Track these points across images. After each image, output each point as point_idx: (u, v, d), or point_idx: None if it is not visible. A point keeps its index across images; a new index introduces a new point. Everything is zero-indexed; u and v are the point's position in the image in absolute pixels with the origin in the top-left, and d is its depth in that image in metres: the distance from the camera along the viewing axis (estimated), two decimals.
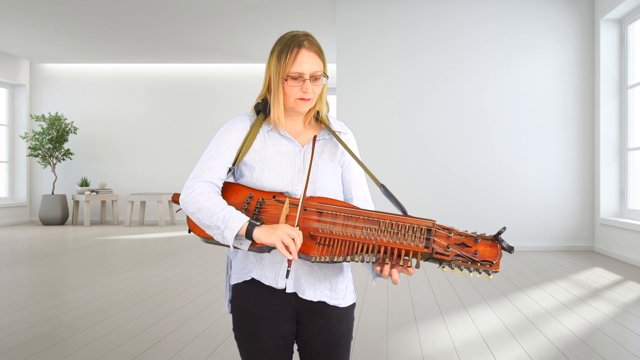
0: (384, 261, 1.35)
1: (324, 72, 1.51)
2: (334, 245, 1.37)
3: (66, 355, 2.81)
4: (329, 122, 1.60)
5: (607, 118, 6.33)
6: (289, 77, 1.47)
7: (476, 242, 1.33)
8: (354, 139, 1.64)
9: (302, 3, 7.01)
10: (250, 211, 1.46)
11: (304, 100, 1.49)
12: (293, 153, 1.53)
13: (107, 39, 8.71)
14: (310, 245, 1.38)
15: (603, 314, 3.59)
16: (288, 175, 1.50)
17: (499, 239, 1.33)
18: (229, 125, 1.55)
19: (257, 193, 1.49)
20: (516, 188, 6.64)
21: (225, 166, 1.51)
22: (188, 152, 10.42)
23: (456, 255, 1.33)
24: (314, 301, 1.51)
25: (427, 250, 1.33)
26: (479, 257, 1.32)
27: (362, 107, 6.78)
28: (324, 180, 1.52)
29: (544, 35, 6.64)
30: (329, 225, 1.40)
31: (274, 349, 1.51)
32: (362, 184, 1.62)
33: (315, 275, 1.51)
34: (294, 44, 1.47)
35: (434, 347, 2.95)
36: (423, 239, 1.35)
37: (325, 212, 1.42)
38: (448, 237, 1.35)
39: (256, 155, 1.52)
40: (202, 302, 3.93)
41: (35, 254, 6.32)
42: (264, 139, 1.54)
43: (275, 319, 1.50)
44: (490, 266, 1.31)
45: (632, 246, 5.59)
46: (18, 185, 10.46)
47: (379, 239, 1.36)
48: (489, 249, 1.33)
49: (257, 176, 1.50)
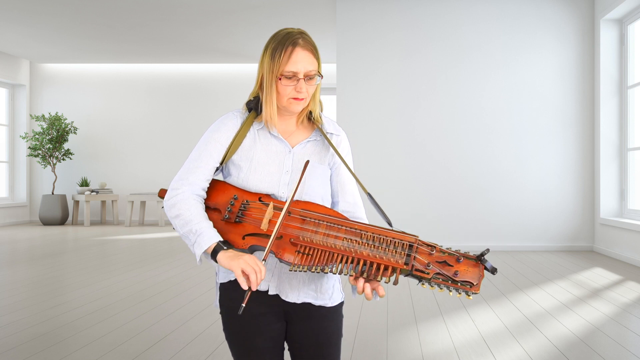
0: (362, 275, 1.32)
1: (319, 71, 1.47)
2: (313, 254, 1.36)
3: (66, 355, 2.81)
4: (322, 122, 1.56)
5: (607, 118, 6.33)
6: (283, 76, 1.43)
7: (458, 262, 1.30)
8: (347, 141, 1.61)
9: (302, 3, 7.01)
10: (234, 212, 1.44)
11: (297, 100, 1.46)
12: (282, 154, 1.50)
13: (107, 39, 8.71)
14: (290, 252, 1.37)
15: (603, 314, 3.59)
16: (275, 176, 1.48)
17: (482, 259, 1.29)
18: (219, 123, 1.53)
19: (243, 194, 1.46)
20: (516, 188, 6.64)
21: (213, 166, 1.49)
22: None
23: (436, 274, 1.29)
24: (298, 303, 1.50)
25: (406, 266, 1.30)
26: (459, 277, 1.28)
27: (362, 107, 6.78)
28: (311, 184, 1.49)
29: (544, 35, 6.64)
30: (310, 233, 1.39)
31: (264, 347, 1.50)
32: (351, 187, 1.58)
33: (299, 278, 1.49)
34: (289, 42, 1.43)
35: (434, 347, 2.95)
36: (404, 254, 1.32)
37: (308, 220, 1.40)
38: (430, 255, 1.32)
39: (244, 154, 1.50)
40: (202, 302, 3.93)
41: (35, 254, 6.32)
42: (254, 138, 1.51)
43: (263, 318, 1.49)
44: (471, 287, 1.27)
45: (632, 246, 5.59)
46: (18, 185, 10.46)
47: (358, 252, 1.34)
48: (471, 269, 1.29)
49: (244, 176, 1.48)
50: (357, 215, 1.57)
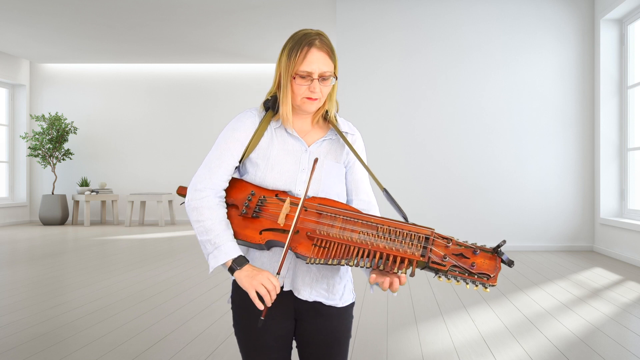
0: (379, 267, 1.33)
1: (334, 73, 1.50)
2: (330, 247, 1.37)
3: (66, 355, 2.81)
4: (337, 122, 1.59)
5: (607, 118, 6.33)
6: (298, 75, 1.46)
7: (475, 254, 1.31)
8: (362, 140, 1.63)
9: (302, 3, 7.01)
10: (251, 208, 1.46)
11: (310, 100, 1.49)
12: (299, 152, 1.53)
13: (107, 39, 8.71)
14: (306, 246, 1.38)
15: (603, 314, 3.59)
16: (292, 174, 1.50)
17: (498, 251, 1.29)
18: (237, 121, 1.55)
19: (260, 190, 1.49)
20: (516, 188, 6.64)
21: (233, 165, 1.52)
22: (188, 152, 10.43)
23: (453, 266, 1.30)
24: (309, 301, 1.51)
25: (423, 258, 1.31)
26: (476, 269, 1.28)
27: (362, 107, 6.78)
28: (327, 182, 1.51)
29: (544, 35, 6.64)
30: (326, 227, 1.40)
31: (273, 345, 1.52)
32: (365, 185, 1.61)
33: (312, 275, 1.51)
34: (305, 42, 1.46)
35: (434, 347, 2.95)
36: (420, 247, 1.33)
37: (324, 214, 1.42)
38: (446, 247, 1.33)
39: (262, 152, 1.52)
40: (202, 302, 3.93)
41: (35, 254, 6.32)
42: (271, 136, 1.54)
43: (273, 315, 1.51)
44: (488, 279, 1.28)
45: (632, 246, 5.59)
46: (18, 185, 10.46)
47: (375, 244, 1.35)
48: (488, 261, 1.29)
49: (261, 174, 1.50)
50: (371, 213, 1.58)
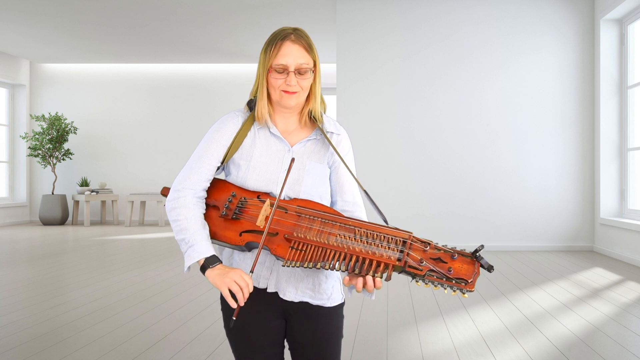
0: (354, 271, 1.32)
1: (313, 67, 1.49)
2: (307, 250, 1.36)
3: (66, 355, 2.81)
4: (323, 121, 1.57)
5: (607, 118, 6.33)
6: (273, 69, 1.46)
7: (453, 259, 1.28)
8: (348, 140, 1.61)
9: (302, 3, 7.01)
10: (231, 209, 1.46)
11: (288, 94, 1.48)
12: (281, 152, 1.52)
13: (107, 39, 8.71)
14: (284, 248, 1.38)
15: (603, 314, 3.59)
16: (273, 175, 1.50)
17: (477, 256, 1.26)
18: (220, 123, 1.55)
19: (241, 192, 1.49)
20: (516, 188, 6.64)
21: (214, 166, 1.52)
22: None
23: (430, 270, 1.27)
24: (296, 302, 1.51)
25: (399, 262, 1.29)
26: (453, 275, 1.26)
27: (362, 107, 6.78)
28: (308, 183, 1.50)
29: (544, 35, 6.64)
30: (304, 229, 1.39)
31: (265, 345, 1.52)
32: (350, 186, 1.59)
33: (297, 275, 1.50)
34: (280, 37, 1.47)
35: (434, 347, 2.95)
36: (397, 250, 1.31)
37: (303, 216, 1.41)
38: (424, 251, 1.30)
39: (244, 153, 1.52)
40: (202, 302, 3.93)
41: (35, 254, 6.32)
42: (254, 137, 1.54)
43: (262, 316, 1.51)
44: (465, 285, 1.25)
45: (632, 246, 5.59)
46: (18, 185, 10.46)
47: (351, 248, 1.33)
48: (466, 266, 1.27)
49: (243, 175, 1.50)
50: (356, 215, 1.57)
